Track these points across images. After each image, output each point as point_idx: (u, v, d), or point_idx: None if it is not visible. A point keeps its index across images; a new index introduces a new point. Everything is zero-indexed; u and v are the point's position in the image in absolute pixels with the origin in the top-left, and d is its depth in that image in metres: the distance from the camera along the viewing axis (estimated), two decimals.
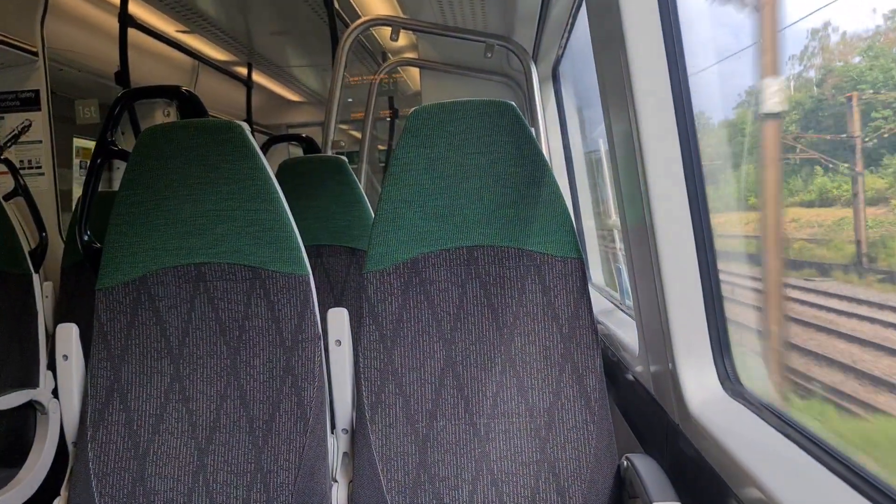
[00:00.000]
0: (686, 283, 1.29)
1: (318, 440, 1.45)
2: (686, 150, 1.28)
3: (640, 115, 1.27)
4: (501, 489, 1.41)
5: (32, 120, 3.73)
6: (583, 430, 1.42)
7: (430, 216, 1.50)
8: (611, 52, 1.35)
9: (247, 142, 1.50)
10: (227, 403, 1.47)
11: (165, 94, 1.96)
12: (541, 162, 1.49)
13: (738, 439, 1.09)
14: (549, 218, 1.48)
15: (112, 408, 1.47)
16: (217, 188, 1.50)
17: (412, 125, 1.51)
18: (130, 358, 1.49)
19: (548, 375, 1.45)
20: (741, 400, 1.25)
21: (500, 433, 1.44)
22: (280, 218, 1.49)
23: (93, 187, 1.91)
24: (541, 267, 1.48)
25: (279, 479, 1.43)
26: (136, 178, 1.52)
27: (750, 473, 0.99)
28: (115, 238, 1.51)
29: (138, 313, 1.50)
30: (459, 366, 1.47)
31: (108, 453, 1.45)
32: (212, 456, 1.45)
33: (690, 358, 1.29)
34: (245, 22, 5.78)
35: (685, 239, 1.29)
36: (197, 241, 1.51)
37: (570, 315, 1.46)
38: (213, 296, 1.50)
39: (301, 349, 1.47)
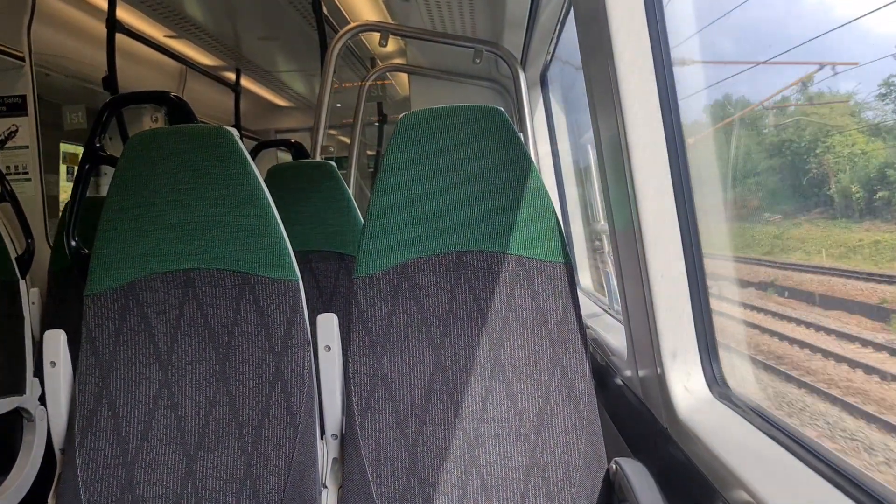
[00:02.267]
0: (673, 287, 1.30)
1: (307, 446, 1.45)
2: (673, 156, 1.29)
3: (628, 120, 1.28)
4: (491, 494, 1.41)
5: (19, 125, 3.71)
6: (572, 435, 1.43)
7: (419, 221, 1.51)
8: (598, 58, 1.36)
9: (236, 147, 1.50)
10: (216, 409, 1.47)
11: (154, 99, 1.96)
12: (529, 167, 1.50)
13: (727, 443, 1.09)
14: (537, 223, 1.49)
15: (100, 414, 1.46)
16: (206, 194, 1.50)
17: (401, 131, 1.51)
18: (118, 364, 1.48)
19: (537, 380, 1.45)
20: (729, 403, 1.26)
21: (490, 438, 1.44)
22: (269, 223, 1.49)
23: (81, 193, 1.90)
24: (529, 272, 1.48)
25: (269, 485, 1.43)
26: (125, 183, 1.52)
27: (738, 477, 0.99)
28: (104, 244, 1.51)
29: (127, 319, 1.50)
30: (449, 371, 1.47)
31: (96, 460, 1.44)
32: (201, 462, 1.44)
33: (678, 362, 1.30)
34: (233, 27, 5.77)
35: (673, 243, 1.30)
36: (186, 246, 1.50)
37: (559, 320, 1.47)
38: (202, 302, 1.50)
39: (290, 355, 1.47)
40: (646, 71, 1.27)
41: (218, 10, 5.23)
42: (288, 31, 5.61)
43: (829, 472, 0.95)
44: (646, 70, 1.27)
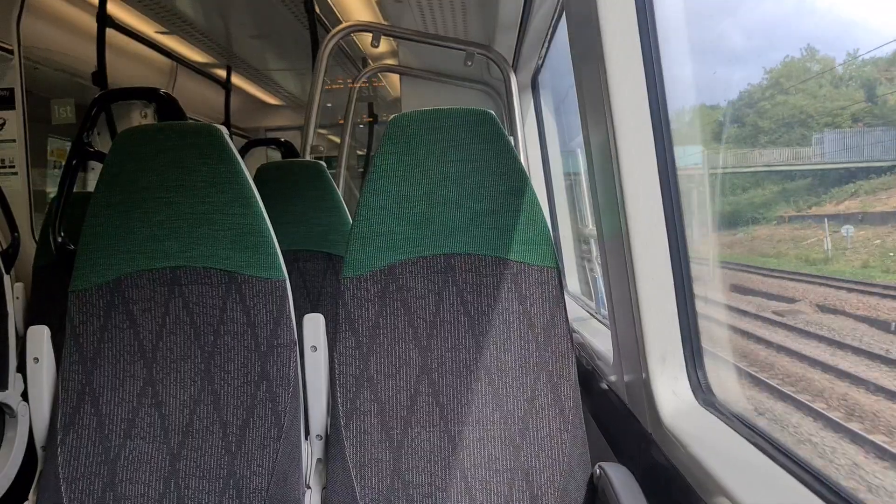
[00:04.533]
0: (660, 293, 1.30)
1: (292, 446, 1.45)
2: (662, 162, 1.30)
3: (618, 125, 1.28)
4: (475, 496, 1.41)
5: (6, 119, 3.68)
6: (557, 439, 1.43)
7: (407, 223, 1.50)
8: (590, 63, 1.36)
9: (225, 145, 1.50)
10: (200, 408, 1.46)
11: (144, 95, 1.94)
12: (519, 171, 1.50)
13: (710, 449, 1.10)
14: (526, 227, 1.49)
15: (83, 411, 1.45)
16: (194, 191, 1.49)
17: (392, 132, 1.51)
18: (103, 361, 1.47)
19: (523, 383, 1.45)
20: (713, 410, 1.26)
21: (475, 441, 1.44)
22: (257, 222, 1.49)
23: (68, 188, 1.89)
24: (517, 275, 1.48)
25: (252, 484, 1.42)
26: (113, 179, 1.51)
27: (720, 483, 1.00)
28: (90, 240, 1.50)
29: (112, 316, 1.49)
30: (435, 373, 1.47)
31: (78, 458, 1.43)
32: (184, 461, 1.43)
33: (664, 368, 1.31)
34: (224, 24, 5.74)
35: (660, 249, 1.30)
36: (173, 244, 1.50)
37: (546, 323, 1.47)
38: (188, 300, 1.49)
39: (276, 354, 1.46)
40: (637, 75, 1.28)
41: (210, 8, 5.21)
42: (280, 30, 5.59)
43: (810, 480, 0.96)
44: (637, 75, 1.28)
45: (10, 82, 3.68)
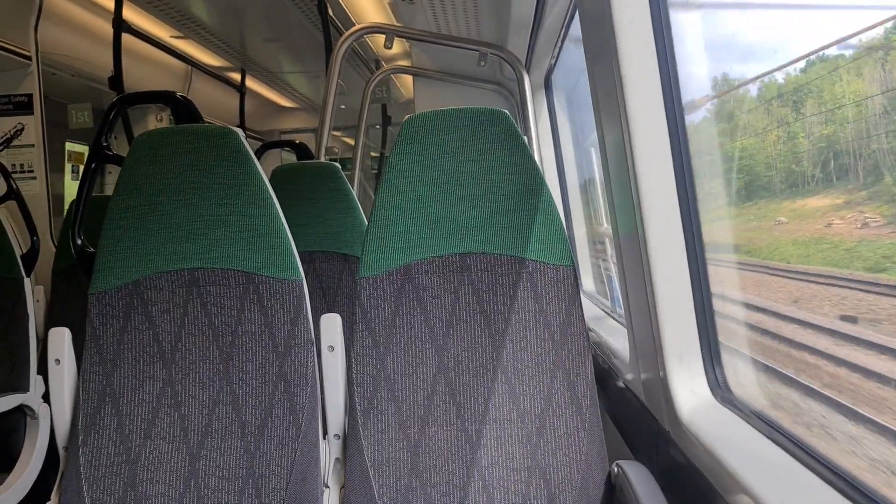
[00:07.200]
0: (677, 291, 1.30)
1: (310, 445, 1.46)
2: (678, 160, 1.30)
3: (633, 124, 1.28)
4: (492, 495, 1.41)
5: (25, 124, 3.73)
6: (574, 437, 1.43)
7: (423, 223, 1.51)
8: (603, 61, 1.36)
9: (241, 147, 1.51)
10: (219, 409, 1.47)
11: (160, 99, 1.95)
12: (533, 170, 1.50)
13: (728, 446, 1.09)
14: (541, 225, 1.49)
15: (104, 412, 1.47)
16: (211, 193, 1.51)
17: (406, 132, 1.52)
18: (122, 363, 1.49)
19: (539, 382, 1.45)
20: (731, 407, 1.26)
21: (492, 439, 1.44)
22: (274, 223, 1.50)
23: (87, 191, 1.91)
24: (533, 274, 1.49)
25: (271, 484, 1.43)
26: (131, 182, 1.52)
27: (740, 480, 0.99)
28: (109, 242, 1.51)
29: (131, 318, 1.50)
30: (451, 372, 1.47)
31: (99, 458, 1.44)
32: (203, 461, 1.45)
33: (681, 365, 1.30)
34: (239, 28, 5.78)
35: (676, 247, 1.30)
36: (190, 245, 1.51)
37: (562, 322, 1.47)
38: (206, 301, 1.50)
39: (294, 354, 1.47)
40: (651, 73, 1.28)
41: (224, 12, 5.24)
42: (293, 33, 5.62)
43: (832, 477, 0.95)
44: (651, 73, 1.28)
45: (29, 88, 3.73)
